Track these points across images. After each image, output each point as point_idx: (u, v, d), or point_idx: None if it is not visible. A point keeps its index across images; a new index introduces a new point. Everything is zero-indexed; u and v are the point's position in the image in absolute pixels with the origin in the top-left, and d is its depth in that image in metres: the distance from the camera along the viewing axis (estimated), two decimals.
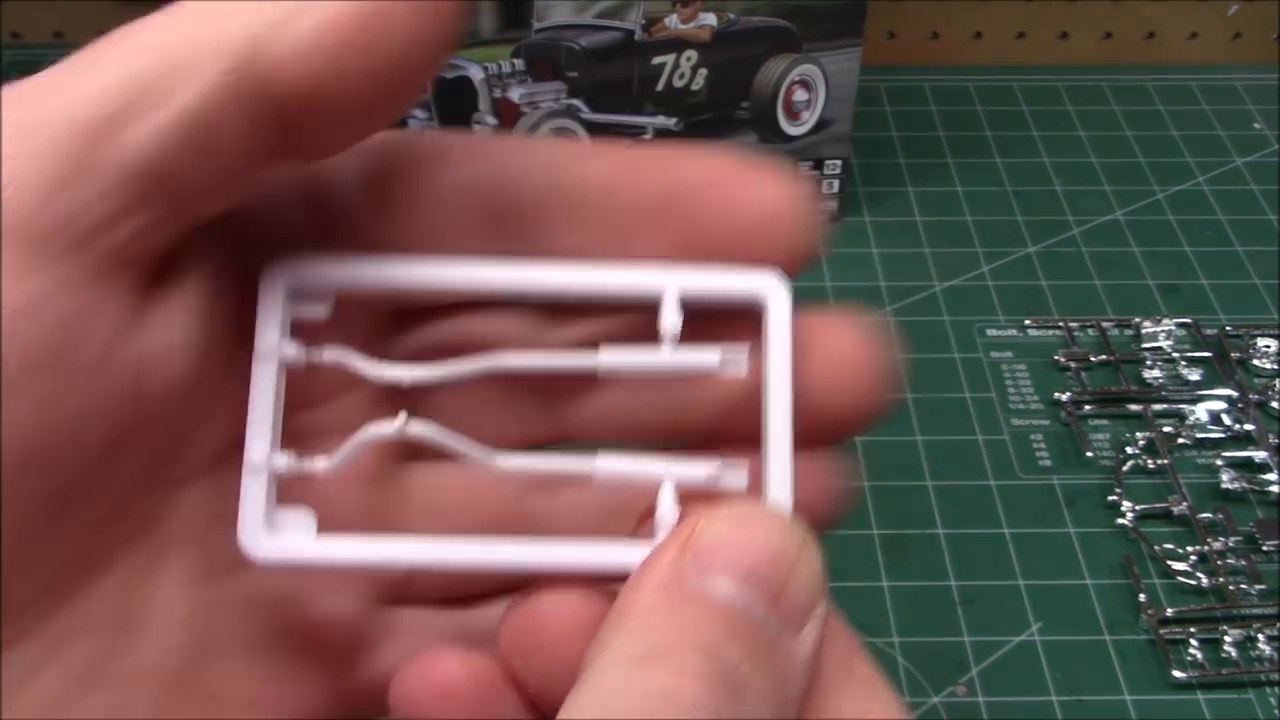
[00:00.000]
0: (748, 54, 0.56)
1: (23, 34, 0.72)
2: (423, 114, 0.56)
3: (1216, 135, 0.66)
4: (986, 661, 0.43)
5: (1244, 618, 0.44)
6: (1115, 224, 0.61)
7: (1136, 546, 0.47)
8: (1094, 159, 0.65)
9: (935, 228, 0.60)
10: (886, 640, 0.44)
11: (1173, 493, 0.48)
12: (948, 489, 0.49)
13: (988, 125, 0.67)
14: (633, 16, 0.54)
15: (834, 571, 0.44)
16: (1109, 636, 0.44)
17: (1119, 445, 0.50)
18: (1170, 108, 0.68)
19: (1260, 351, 0.53)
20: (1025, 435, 0.51)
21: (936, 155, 0.65)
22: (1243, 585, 0.45)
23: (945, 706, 0.42)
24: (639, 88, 0.56)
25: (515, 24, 0.54)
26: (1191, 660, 0.43)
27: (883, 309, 0.56)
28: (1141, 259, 0.59)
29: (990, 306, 0.56)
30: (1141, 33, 0.73)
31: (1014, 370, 0.53)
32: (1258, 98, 0.69)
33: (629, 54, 0.55)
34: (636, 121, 0.57)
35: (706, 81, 0.56)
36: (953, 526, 0.47)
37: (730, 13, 0.54)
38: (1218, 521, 0.47)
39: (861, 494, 0.48)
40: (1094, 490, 0.49)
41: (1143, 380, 0.52)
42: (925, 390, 0.52)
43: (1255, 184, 0.63)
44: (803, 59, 0.56)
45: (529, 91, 0.56)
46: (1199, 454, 0.50)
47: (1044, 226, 0.60)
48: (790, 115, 0.57)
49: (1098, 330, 0.55)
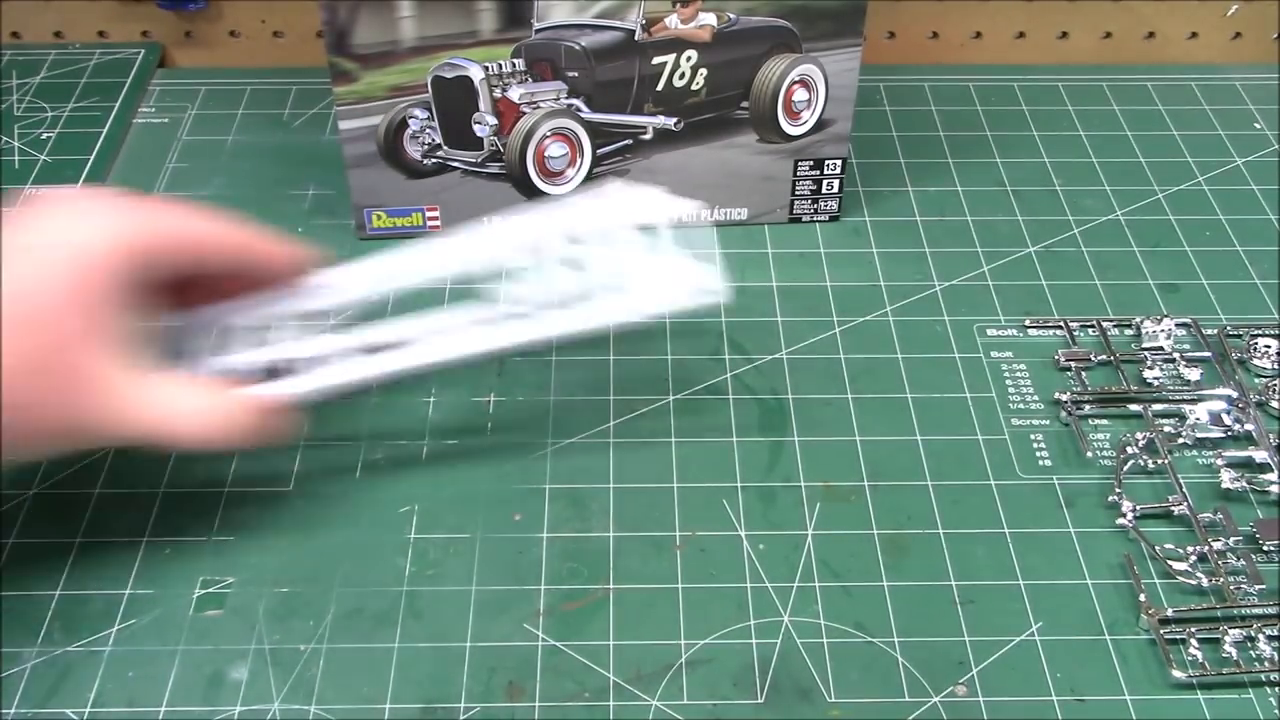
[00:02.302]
0: (748, 54, 0.56)
1: (23, 34, 0.72)
2: (423, 114, 0.56)
3: (1216, 135, 0.66)
4: (986, 661, 0.43)
5: (1244, 618, 0.44)
6: (1115, 224, 0.61)
7: (1136, 546, 0.47)
8: (1094, 159, 0.65)
9: (935, 228, 0.60)
10: (886, 640, 0.44)
11: (1173, 493, 0.48)
12: (948, 489, 0.49)
13: (988, 125, 0.67)
14: (633, 16, 0.54)
15: (834, 571, 0.44)
16: (1109, 636, 0.44)
17: (1119, 445, 0.50)
18: (1170, 108, 0.68)
19: (1260, 351, 0.53)
20: (1025, 435, 0.51)
21: (936, 155, 0.65)
22: (1243, 585, 0.45)
23: (945, 706, 0.42)
24: (639, 88, 0.56)
25: (515, 24, 0.54)
26: (1191, 660, 0.43)
27: (883, 309, 0.56)
28: (1141, 259, 0.59)
29: (990, 306, 0.56)
30: (1141, 32, 0.73)
31: (1014, 370, 0.53)
32: (1258, 98, 0.69)
33: (629, 54, 0.55)
34: (636, 121, 0.57)
35: (706, 81, 0.56)
36: (953, 526, 0.47)
37: (730, 13, 0.54)
38: (1218, 521, 0.47)
39: (861, 494, 0.48)
40: (1094, 490, 0.49)
41: (1143, 380, 0.52)
42: (925, 390, 0.52)
43: (1255, 184, 0.63)
44: (803, 59, 0.56)
45: (529, 91, 0.56)
46: (1199, 454, 0.50)
47: (1044, 226, 0.60)
48: (790, 115, 0.57)
49: (1098, 330, 0.55)
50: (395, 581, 0.45)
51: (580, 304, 0.47)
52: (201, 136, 0.66)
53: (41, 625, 0.44)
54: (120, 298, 0.41)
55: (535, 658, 0.43)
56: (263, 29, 0.72)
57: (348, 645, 0.43)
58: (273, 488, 0.48)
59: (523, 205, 0.59)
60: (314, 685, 0.42)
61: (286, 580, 0.45)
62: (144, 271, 0.42)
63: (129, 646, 0.43)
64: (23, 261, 0.40)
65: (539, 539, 0.47)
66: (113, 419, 0.41)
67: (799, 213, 0.61)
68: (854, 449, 0.50)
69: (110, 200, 0.43)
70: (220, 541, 0.47)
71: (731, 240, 0.60)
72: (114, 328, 0.41)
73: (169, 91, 0.69)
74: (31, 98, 0.68)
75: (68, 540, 0.47)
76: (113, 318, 0.41)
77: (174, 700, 0.42)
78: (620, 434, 0.51)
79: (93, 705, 0.42)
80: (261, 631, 0.44)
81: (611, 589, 0.45)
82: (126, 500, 0.48)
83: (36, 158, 0.64)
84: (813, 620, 0.44)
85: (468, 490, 0.48)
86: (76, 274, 0.40)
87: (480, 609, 0.45)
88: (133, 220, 0.42)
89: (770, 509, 0.48)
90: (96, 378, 0.41)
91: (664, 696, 0.42)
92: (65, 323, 0.40)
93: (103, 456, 0.49)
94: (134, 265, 0.41)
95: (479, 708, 0.42)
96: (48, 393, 0.40)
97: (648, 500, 0.48)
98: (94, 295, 0.40)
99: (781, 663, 0.43)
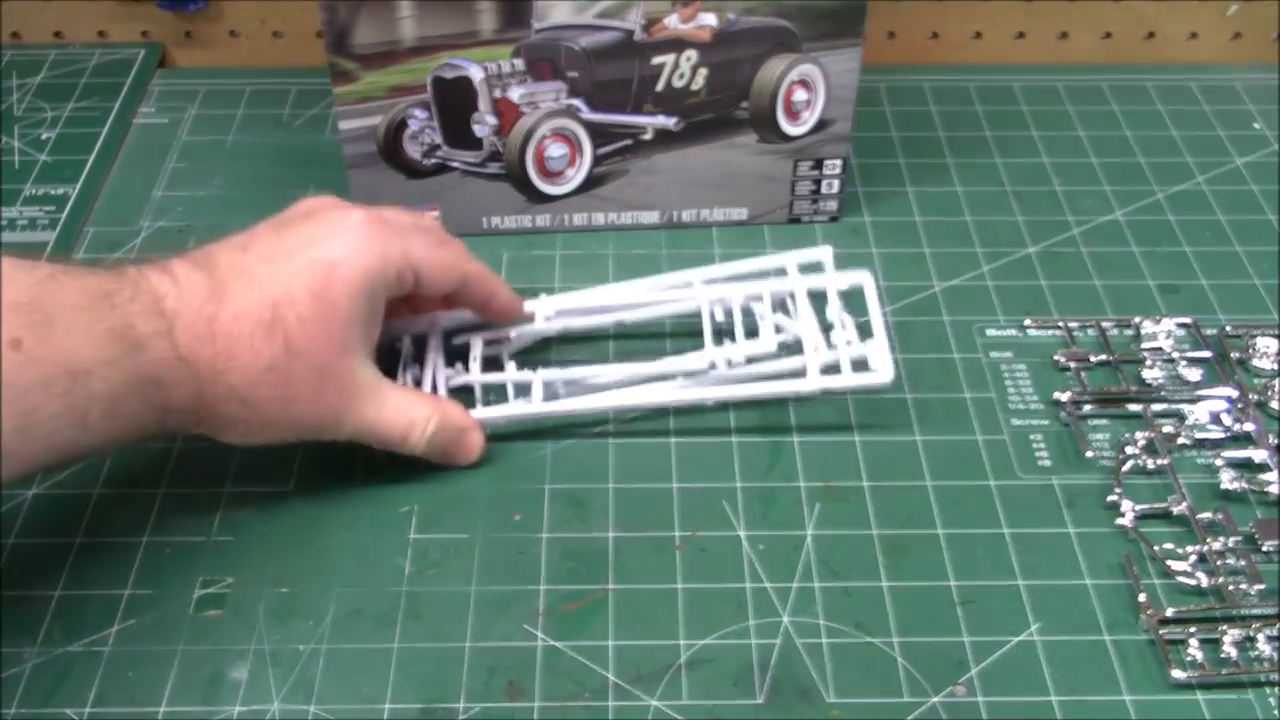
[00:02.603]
0: (748, 54, 0.56)
1: (23, 34, 0.72)
2: (423, 114, 0.56)
3: (1216, 135, 0.66)
4: (986, 661, 0.43)
5: (1244, 618, 0.44)
6: (1115, 224, 0.61)
7: (1136, 546, 0.47)
8: (1094, 159, 0.65)
9: (935, 228, 0.60)
10: (886, 640, 0.44)
11: (1173, 493, 0.48)
12: (948, 489, 0.49)
13: (988, 125, 0.67)
14: (633, 16, 0.54)
15: (834, 571, 0.44)
16: (1108, 637, 0.44)
17: (1119, 445, 0.50)
18: (1170, 108, 0.68)
19: (1260, 351, 0.53)
20: (1025, 435, 0.51)
21: (936, 155, 0.65)
22: (1243, 585, 0.45)
23: (945, 706, 0.42)
24: (639, 88, 0.56)
25: (515, 24, 0.54)
26: (1191, 661, 0.43)
27: (883, 309, 0.56)
28: (1141, 259, 0.59)
29: (990, 306, 0.56)
30: (1141, 33, 0.73)
31: (1014, 370, 0.53)
32: (1258, 98, 0.69)
33: (629, 54, 0.55)
34: (636, 121, 0.57)
35: (706, 81, 0.56)
36: (953, 526, 0.47)
37: (730, 13, 0.54)
38: (1218, 521, 0.47)
39: (861, 494, 0.48)
40: (1094, 490, 0.49)
41: (1143, 380, 0.52)
42: (925, 390, 0.52)
43: (1255, 184, 0.63)
44: (803, 59, 0.56)
45: (529, 91, 0.56)
46: (1199, 454, 0.50)
47: (1044, 226, 0.60)
48: (790, 115, 0.57)
49: (1098, 330, 0.55)
50: (395, 581, 0.45)
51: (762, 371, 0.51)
52: (201, 136, 0.66)
53: (41, 625, 0.44)
54: (373, 309, 0.45)
55: (535, 658, 0.43)
56: (263, 29, 0.72)
57: (348, 645, 0.43)
58: (273, 488, 0.48)
59: (524, 206, 0.59)
60: (314, 685, 0.42)
61: (286, 580, 0.45)
62: (395, 288, 0.46)
63: (129, 646, 0.43)
64: (324, 274, 0.44)
65: (539, 539, 0.47)
66: (353, 418, 0.45)
67: (799, 213, 0.61)
68: (854, 449, 0.50)
69: (373, 215, 0.46)
70: (220, 541, 0.47)
71: (731, 240, 0.60)
72: (364, 336, 0.45)
73: (169, 91, 0.69)
74: (31, 98, 0.68)
75: (68, 540, 0.47)
76: (365, 326, 0.45)
77: (174, 700, 0.42)
78: (620, 434, 0.51)
79: (93, 705, 0.42)
80: (261, 631, 0.44)
81: (611, 589, 0.45)
82: (126, 500, 0.48)
83: (36, 158, 0.64)
84: (812, 620, 0.44)
85: (468, 490, 0.48)
86: (353, 284, 0.44)
87: (480, 609, 0.45)
88: (395, 242, 0.45)
89: (770, 509, 0.48)
90: (350, 378, 0.45)
91: (664, 696, 0.42)
92: (338, 327, 0.44)
93: (102, 457, 0.49)
94: (388, 281, 0.45)
95: (479, 708, 0.42)
96: (315, 386, 0.44)
97: (648, 500, 0.48)
98: (358, 304, 0.44)
99: (781, 663, 0.43)
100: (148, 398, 0.41)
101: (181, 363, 0.42)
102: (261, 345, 0.42)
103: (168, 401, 0.42)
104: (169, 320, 0.42)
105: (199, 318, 0.42)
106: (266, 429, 0.45)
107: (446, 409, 0.48)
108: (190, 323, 0.42)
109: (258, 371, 0.43)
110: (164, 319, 0.42)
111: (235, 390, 0.43)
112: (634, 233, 0.60)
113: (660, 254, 0.59)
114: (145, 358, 0.41)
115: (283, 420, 0.44)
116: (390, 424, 0.46)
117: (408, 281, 0.46)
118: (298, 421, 0.45)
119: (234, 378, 0.42)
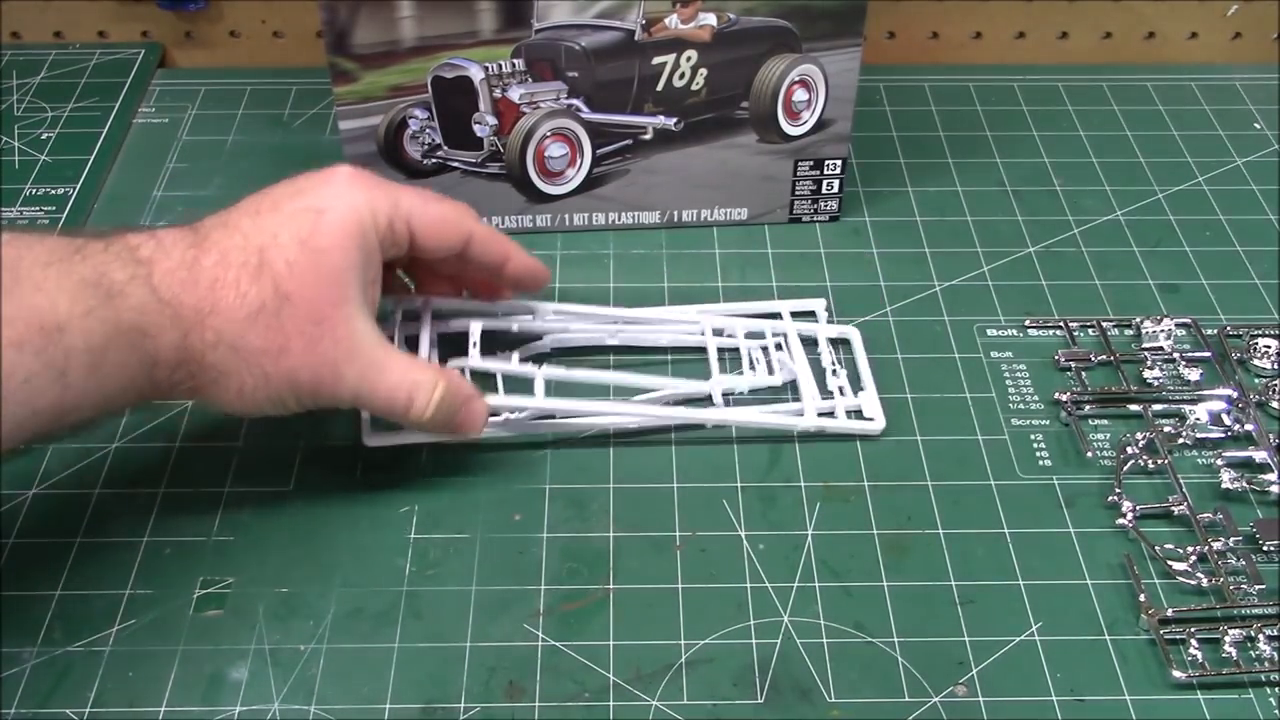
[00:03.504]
0: (748, 54, 0.56)
1: (23, 34, 0.72)
2: (423, 114, 0.56)
3: (1216, 135, 0.66)
4: (986, 661, 0.43)
5: (1244, 618, 0.44)
6: (1115, 224, 0.61)
7: (1136, 546, 0.47)
8: (1094, 159, 0.65)
9: (935, 228, 0.60)
10: (886, 640, 0.44)
11: (1173, 493, 0.48)
12: (948, 489, 0.49)
13: (988, 125, 0.67)
14: (633, 16, 0.54)
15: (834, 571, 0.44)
16: (1109, 636, 0.44)
17: (1119, 445, 0.50)
18: (1170, 108, 0.68)
19: (1260, 351, 0.53)
20: (1025, 435, 0.51)
21: (936, 155, 0.65)
22: (1243, 585, 0.45)
23: (945, 706, 0.42)
24: (639, 88, 0.56)
25: (515, 24, 0.54)
26: (1191, 660, 0.43)
27: (883, 309, 0.56)
28: (1141, 259, 0.59)
29: (990, 306, 0.56)
30: (1141, 32, 0.73)
31: (1014, 370, 0.53)
32: (1258, 98, 0.69)
33: (629, 54, 0.55)
34: (636, 121, 0.57)
35: (706, 81, 0.56)
36: (953, 526, 0.47)
37: (730, 13, 0.54)
38: (1218, 521, 0.47)
39: (861, 494, 0.48)
40: (1094, 490, 0.49)
41: (1143, 380, 0.52)
42: (925, 390, 0.52)
43: (1255, 184, 0.63)
44: (803, 59, 0.56)
45: (529, 91, 0.56)
46: (1199, 454, 0.50)
47: (1044, 226, 0.60)
48: (790, 115, 0.57)
49: (1098, 330, 0.55)
50: (395, 581, 0.45)
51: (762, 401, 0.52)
52: (201, 136, 0.66)
53: (41, 625, 0.44)
54: (367, 259, 0.43)
55: (535, 658, 0.43)
56: (263, 29, 0.72)
57: (348, 645, 0.43)
58: (273, 488, 0.48)
59: (525, 206, 0.59)
60: (314, 685, 0.42)
61: (286, 580, 0.45)
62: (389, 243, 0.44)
63: (129, 646, 0.43)
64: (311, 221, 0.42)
65: (539, 539, 0.47)
66: (353, 377, 0.43)
67: (799, 213, 0.61)
68: (854, 449, 0.50)
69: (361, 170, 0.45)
70: (220, 541, 0.47)
71: (731, 240, 0.60)
72: (361, 289, 0.43)
73: (169, 91, 0.69)
74: (31, 98, 0.68)
75: (68, 540, 0.47)
76: (360, 278, 0.43)
77: (174, 700, 0.42)
78: (620, 434, 0.51)
79: (93, 705, 0.42)
80: (261, 631, 0.44)
81: (611, 589, 0.45)
82: (126, 500, 0.48)
83: (36, 158, 0.64)
84: (813, 620, 0.44)
85: (468, 490, 0.48)
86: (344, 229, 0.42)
87: (480, 609, 0.45)
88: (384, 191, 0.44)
89: (770, 509, 0.48)
90: (346, 331, 0.43)
91: (664, 696, 0.42)
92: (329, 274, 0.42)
93: (102, 456, 0.49)
94: (379, 230, 0.44)
95: (479, 708, 0.42)
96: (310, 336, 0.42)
97: (648, 500, 0.48)
98: (350, 253, 0.43)
99: (781, 663, 0.43)
100: (132, 347, 0.40)
101: (164, 306, 0.40)
102: (248, 287, 0.41)
103: (155, 353, 0.40)
104: (146, 265, 0.40)
105: (179, 263, 0.41)
106: (262, 387, 0.42)
107: (451, 375, 0.46)
108: (170, 269, 0.41)
109: (246, 314, 0.41)
110: (141, 265, 0.40)
111: (223, 336, 0.41)
112: (634, 233, 0.60)
113: (660, 254, 0.59)
114: (123, 304, 0.39)
115: (277, 375, 0.42)
116: (394, 386, 0.44)
117: (401, 235, 0.45)
118: (294, 377, 0.42)
119: (220, 320, 0.41)
